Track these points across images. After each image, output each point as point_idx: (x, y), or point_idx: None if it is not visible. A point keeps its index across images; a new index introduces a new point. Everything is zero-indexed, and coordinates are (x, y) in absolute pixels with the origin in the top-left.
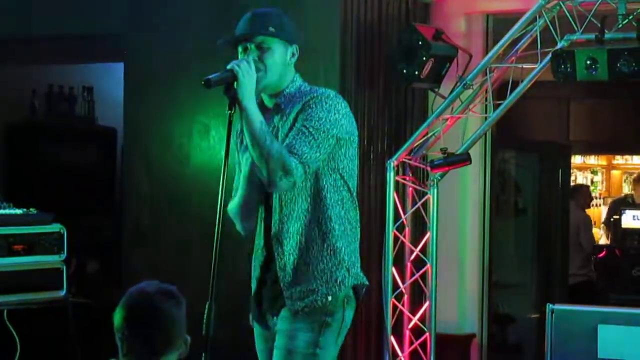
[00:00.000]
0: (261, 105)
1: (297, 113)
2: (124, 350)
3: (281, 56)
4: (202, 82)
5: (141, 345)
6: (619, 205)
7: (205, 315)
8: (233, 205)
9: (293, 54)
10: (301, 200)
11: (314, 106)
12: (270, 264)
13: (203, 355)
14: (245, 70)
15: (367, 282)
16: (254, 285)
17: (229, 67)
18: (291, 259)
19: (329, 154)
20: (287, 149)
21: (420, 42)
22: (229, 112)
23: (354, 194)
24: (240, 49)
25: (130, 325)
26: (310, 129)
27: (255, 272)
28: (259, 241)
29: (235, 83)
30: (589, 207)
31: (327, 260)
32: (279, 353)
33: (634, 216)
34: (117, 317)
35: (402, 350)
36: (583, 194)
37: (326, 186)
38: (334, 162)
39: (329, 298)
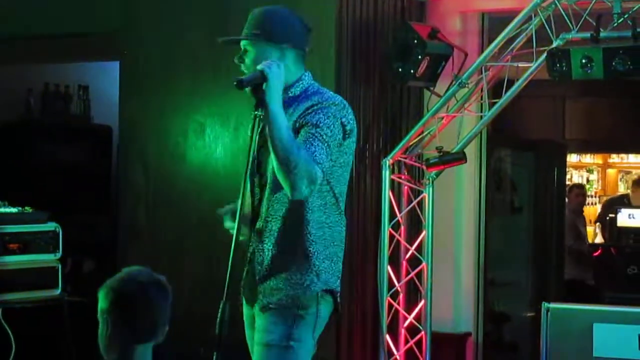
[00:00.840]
0: None
1: (300, 114)
2: (105, 332)
3: (268, 58)
4: (235, 83)
5: (124, 331)
6: (614, 204)
7: (219, 315)
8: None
9: (285, 53)
10: (285, 200)
11: (321, 113)
12: (253, 254)
13: (215, 354)
14: (276, 72)
15: (338, 289)
16: (243, 273)
17: (259, 67)
18: (269, 256)
19: None
20: (311, 156)
21: (415, 41)
22: (256, 112)
23: (341, 199)
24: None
25: (116, 310)
26: (324, 136)
27: (244, 262)
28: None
29: (264, 84)
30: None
31: (299, 264)
32: (257, 349)
33: (629, 215)
34: (104, 299)
35: (397, 349)
36: (574, 193)
37: None
38: None
39: (298, 292)
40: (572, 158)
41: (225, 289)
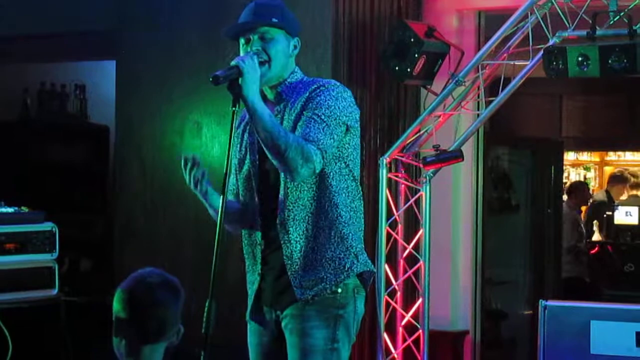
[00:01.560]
0: (262, 97)
1: (304, 102)
2: (117, 332)
3: (284, 47)
4: (210, 79)
5: (134, 331)
6: (598, 208)
7: (205, 313)
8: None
9: (295, 46)
10: (306, 187)
11: (321, 94)
12: (270, 255)
13: (202, 353)
14: (250, 66)
15: (374, 269)
16: (253, 279)
17: (233, 63)
18: (298, 247)
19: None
20: (303, 137)
21: (412, 39)
22: (233, 109)
23: (359, 183)
24: (242, 41)
25: (127, 310)
26: (322, 116)
27: (255, 266)
28: (256, 233)
29: (239, 79)
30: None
31: (335, 248)
32: (294, 353)
33: (626, 212)
34: (116, 299)
35: (395, 347)
36: (577, 193)
37: (332, 174)
38: (339, 150)
39: (339, 289)
40: (569, 156)
41: (211, 287)
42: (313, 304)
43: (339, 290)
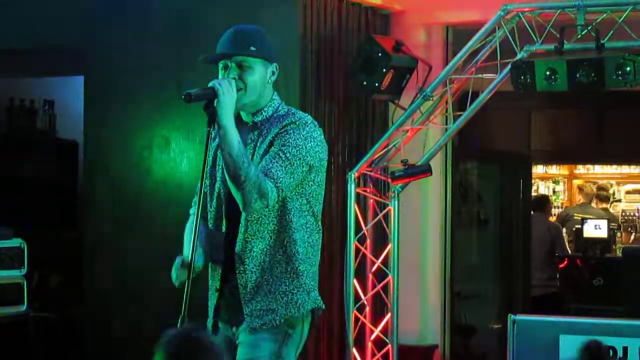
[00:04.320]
0: (238, 120)
1: (274, 136)
2: None
3: (261, 75)
4: (183, 96)
5: None
6: (564, 221)
7: (179, 323)
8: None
9: (273, 72)
10: (267, 221)
11: (291, 132)
12: (229, 275)
13: None
14: (226, 89)
15: (323, 306)
16: (212, 294)
17: (210, 84)
18: (253, 277)
19: (300, 181)
20: (264, 171)
21: (380, 54)
22: (208, 129)
23: (319, 218)
24: (220, 66)
25: None
26: (287, 155)
27: (214, 282)
28: (220, 256)
29: (215, 101)
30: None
31: (289, 283)
32: None
33: (595, 226)
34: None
35: None
36: (549, 204)
37: (293, 210)
38: (302, 187)
39: (286, 319)
40: (538, 169)
41: (184, 303)
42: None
43: (292, 311)
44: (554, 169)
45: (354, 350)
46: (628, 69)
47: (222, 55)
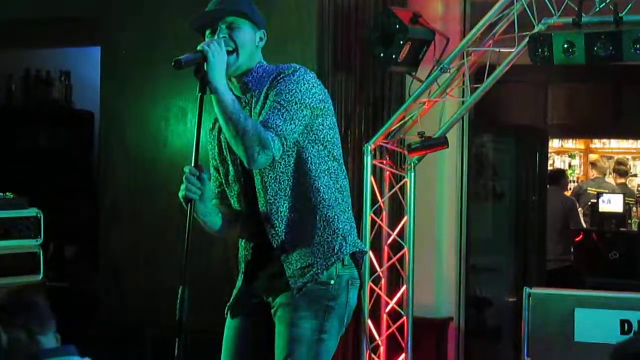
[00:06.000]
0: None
1: (266, 90)
2: None
3: (251, 37)
4: (172, 63)
5: None
6: (578, 195)
7: (178, 300)
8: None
9: (261, 38)
10: (285, 178)
11: (282, 81)
12: (264, 247)
13: (177, 339)
14: (215, 50)
15: (365, 249)
16: (244, 267)
17: (198, 47)
18: (287, 239)
19: (305, 125)
20: (263, 124)
21: (397, 26)
22: (199, 94)
23: (341, 162)
24: (208, 32)
25: None
26: (282, 102)
27: (246, 253)
28: (251, 226)
29: (205, 64)
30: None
31: (322, 232)
32: (281, 341)
33: (610, 200)
34: None
35: (379, 334)
36: (565, 178)
37: (310, 158)
38: (313, 133)
39: (331, 280)
40: (554, 143)
41: (184, 273)
42: (305, 294)
43: (332, 282)
44: (570, 143)
45: (369, 322)
46: None
47: (212, 13)
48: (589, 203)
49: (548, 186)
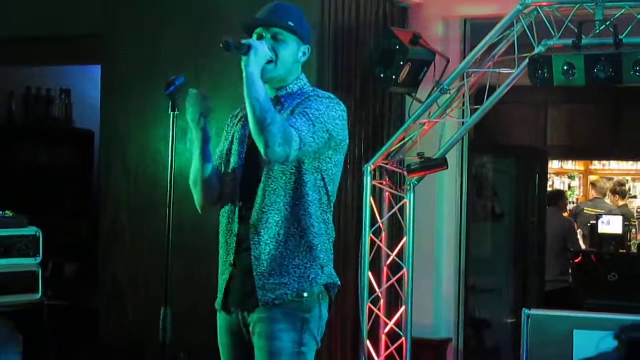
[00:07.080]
0: None
1: (295, 106)
2: None
3: (293, 51)
4: (221, 44)
5: None
6: (576, 215)
7: (161, 322)
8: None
9: (304, 53)
10: (284, 192)
11: (314, 100)
12: (242, 252)
13: None
14: (260, 51)
15: (339, 282)
16: (224, 269)
17: (249, 41)
18: (267, 250)
19: (319, 149)
20: (289, 123)
21: (397, 47)
22: (172, 113)
23: (332, 200)
24: (255, 37)
25: None
26: (310, 115)
27: (228, 257)
28: (234, 225)
29: (244, 58)
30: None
31: (303, 257)
32: (262, 355)
33: (609, 221)
34: None
35: (378, 355)
36: (564, 199)
37: (308, 183)
38: (318, 162)
39: (305, 293)
40: (553, 164)
41: (165, 294)
42: (279, 307)
43: (305, 294)
44: (569, 165)
45: (368, 343)
46: None
47: (260, 21)
48: (589, 224)
49: (547, 207)
